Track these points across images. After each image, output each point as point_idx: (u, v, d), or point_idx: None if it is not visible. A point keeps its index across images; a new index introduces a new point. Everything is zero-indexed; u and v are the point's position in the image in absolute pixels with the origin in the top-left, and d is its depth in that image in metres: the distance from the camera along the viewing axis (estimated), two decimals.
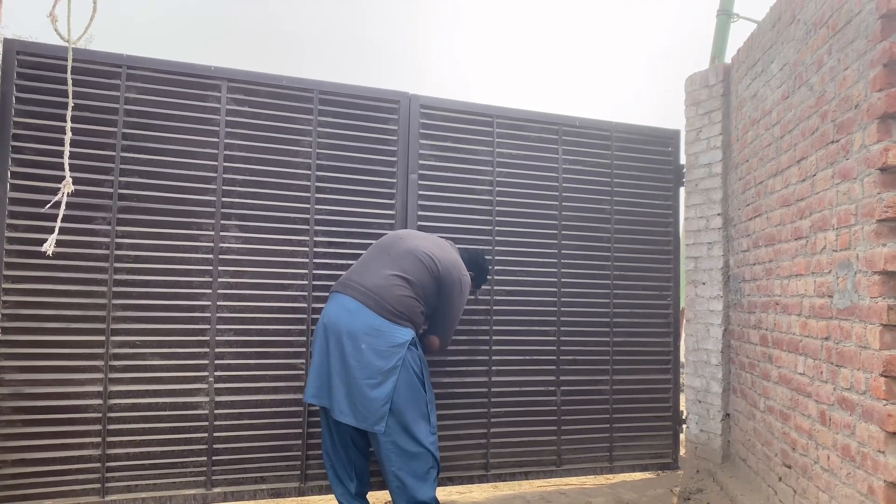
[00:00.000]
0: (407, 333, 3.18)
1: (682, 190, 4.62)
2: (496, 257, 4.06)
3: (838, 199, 2.76)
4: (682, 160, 4.62)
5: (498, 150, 4.12)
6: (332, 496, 3.67)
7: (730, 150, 4.31)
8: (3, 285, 3.14)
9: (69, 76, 2.85)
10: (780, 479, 3.34)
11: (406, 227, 3.83)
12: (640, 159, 4.48)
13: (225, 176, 3.54)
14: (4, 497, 3.12)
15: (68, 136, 2.66)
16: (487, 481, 4.01)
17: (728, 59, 4.50)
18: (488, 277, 3.81)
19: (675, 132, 4.59)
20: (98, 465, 3.27)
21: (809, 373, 3.02)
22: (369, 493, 3.52)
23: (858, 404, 2.55)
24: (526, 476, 4.10)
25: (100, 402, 3.28)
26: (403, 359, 3.12)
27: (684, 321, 4.74)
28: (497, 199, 4.10)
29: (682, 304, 4.69)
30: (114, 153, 3.35)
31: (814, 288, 2.98)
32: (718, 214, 4.34)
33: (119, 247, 3.34)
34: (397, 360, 3.10)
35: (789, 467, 3.23)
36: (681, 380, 4.68)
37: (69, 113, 2.79)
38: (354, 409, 3.07)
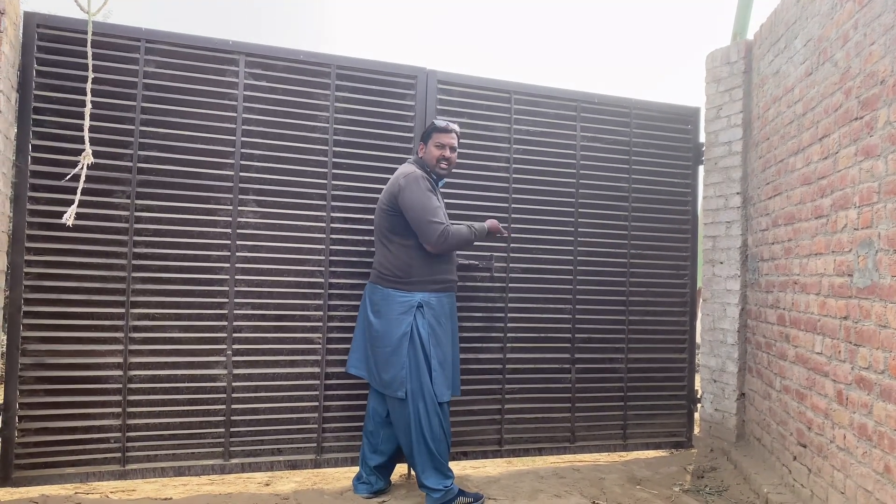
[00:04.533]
0: (413, 297, 3.25)
1: (701, 168, 4.58)
2: (512, 234, 4.05)
3: (861, 176, 2.73)
4: (702, 138, 4.57)
5: (515, 126, 4.09)
6: (347, 469, 3.72)
7: (750, 127, 4.26)
8: (26, 257, 3.18)
9: (89, 49, 2.87)
10: (794, 458, 3.34)
11: None
12: (659, 137, 4.43)
13: (243, 151, 3.55)
14: (28, 465, 3.19)
15: (88, 108, 2.68)
16: (501, 456, 4.04)
17: (750, 36, 4.43)
18: (431, 126, 3.41)
19: (694, 109, 4.54)
20: (119, 434, 3.32)
21: (827, 352, 3.00)
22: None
23: (876, 384, 2.54)
24: (540, 452, 4.12)
25: (120, 373, 3.32)
26: (413, 324, 3.22)
27: (701, 300, 4.72)
28: (514, 175, 4.08)
29: (699, 284, 4.67)
30: (133, 127, 3.36)
31: (833, 267, 2.96)
32: (738, 193, 4.30)
33: (138, 220, 3.37)
34: (406, 325, 3.22)
35: (804, 446, 3.23)
36: (696, 359, 4.67)
37: (89, 85, 2.82)
38: (380, 376, 3.25)
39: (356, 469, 3.59)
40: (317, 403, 3.66)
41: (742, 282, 4.24)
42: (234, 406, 3.51)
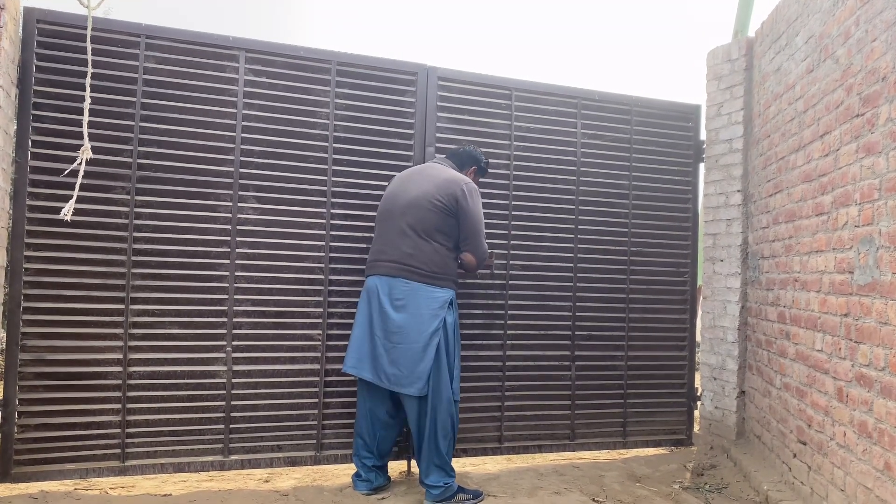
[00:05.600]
0: (446, 293, 3.25)
1: (701, 166, 4.57)
2: (512, 232, 4.05)
3: (862, 173, 2.72)
4: (703, 136, 4.56)
5: (516, 123, 4.09)
6: (346, 465, 3.71)
7: (751, 125, 4.25)
8: (25, 253, 3.18)
9: (89, 44, 2.87)
10: (794, 455, 3.34)
11: None
12: (660, 134, 4.43)
13: (243, 147, 3.54)
14: (27, 461, 3.19)
15: (87, 103, 2.68)
16: (501, 454, 4.03)
17: (751, 33, 4.42)
18: (485, 163, 3.67)
19: (695, 107, 4.53)
20: (118, 430, 3.32)
21: (827, 349, 3.00)
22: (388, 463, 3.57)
23: (877, 381, 2.53)
24: (539, 449, 4.12)
25: (119, 369, 3.32)
26: (444, 321, 3.20)
27: (701, 298, 4.72)
28: (514, 173, 4.07)
29: (700, 281, 4.67)
30: (132, 123, 3.36)
31: (834, 264, 2.95)
32: (738, 191, 4.30)
33: (138, 216, 3.36)
34: (439, 322, 3.19)
35: (804, 444, 3.22)
36: (696, 357, 4.67)
37: (88, 81, 2.81)
38: (399, 375, 3.17)
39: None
40: (316, 400, 3.66)
41: (742, 279, 4.23)
42: (233, 402, 3.51)
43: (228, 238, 3.51)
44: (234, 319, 3.51)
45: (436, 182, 3.30)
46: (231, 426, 3.51)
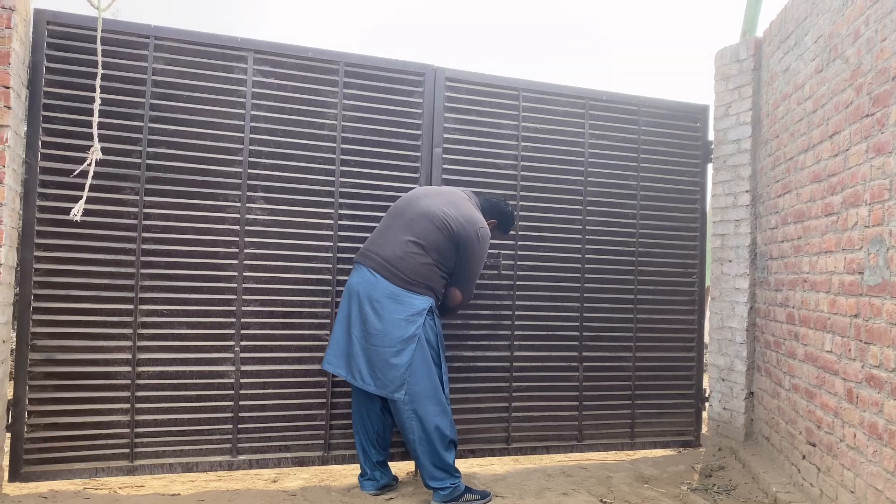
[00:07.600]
0: (425, 301, 3.24)
1: (709, 166, 4.56)
2: (520, 232, 4.05)
3: (872, 173, 2.71)
4: (711, 136, 4.55)
5: (523, 124, 4.09)
6: (354, 466, 3.71)
7: (759, 125, 4.24)
8: (35, 253, 3.19)
9: (99, 46, 2.88)
10: (803, 457, 3.32)
11: None
12: (668, 135, 4.42)
13: (251, 147, 3.55)
14: (36, 460, 3.20)
15: (97, 104, 2.69)
16: (508, 454, 4.03)
17: (760, 33, 4.41)
18: (514, 223, 3.77)
19: (703, 107, 4.52)
20: (127, 430, 3.33)
21: (837, 350, 2.98)
22: (392, 463, 3.57)
23: (887, 382, 2.52)
24: (547, 450, 4.11)
25: (128, 369, 3.33)
26: (422, 327, 3.19)
27: (709, 299, 4.70)
28: (522, 173, 4.07)
29: (707, 282, 4.65)
30: (142, 124, 3.37)
31: (843, 265, 2.94)
32: (746, 191, 4.28)
33: (147, 217, 3.38)
34: (416, 328, 3.18)
35: (814, 445, 3.21)
36: (704, 358, 4.65)
37: (98, 82, 2.82)
38: (375, 376, 3.18)
39: None
40: (324, 400, 3.67)
41: (751, 280, 4.22)
42: (241, 402, 3.52)
43: (237, 238, 3.52)
44: (243, 319, 3.52)
45: (457, 211, 3.32)
46: (239, 426, 3.51)
